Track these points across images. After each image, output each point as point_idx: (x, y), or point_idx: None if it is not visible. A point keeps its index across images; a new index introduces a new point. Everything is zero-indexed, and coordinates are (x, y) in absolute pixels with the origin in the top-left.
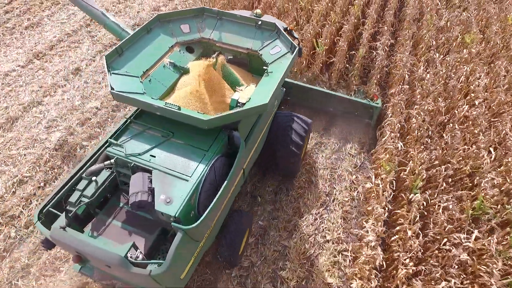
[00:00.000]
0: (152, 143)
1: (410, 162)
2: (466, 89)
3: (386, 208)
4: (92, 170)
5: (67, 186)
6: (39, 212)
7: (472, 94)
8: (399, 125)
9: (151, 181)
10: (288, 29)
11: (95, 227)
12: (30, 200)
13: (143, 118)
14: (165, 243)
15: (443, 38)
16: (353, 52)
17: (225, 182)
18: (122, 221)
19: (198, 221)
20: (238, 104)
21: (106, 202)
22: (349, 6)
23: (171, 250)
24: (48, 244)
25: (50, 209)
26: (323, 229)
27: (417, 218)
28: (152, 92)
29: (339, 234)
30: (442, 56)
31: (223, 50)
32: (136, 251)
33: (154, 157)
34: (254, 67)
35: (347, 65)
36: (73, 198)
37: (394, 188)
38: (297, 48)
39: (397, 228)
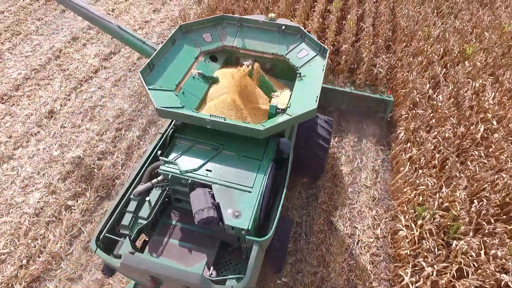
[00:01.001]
0: (205, 158)
1: (437, 196)
2: (477, 107)
3: (435, 267)
4: (140, 190)
5: (118, 209)
6: (96, 239)
7: (489, 114)
8: (423, 157)
9: (212, 196)
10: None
11: (152, 248)
12: (12, 285)
13: (187, 132)
14: (224, 256)
15: (441, 49)
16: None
17: (284, 189)
18: (179, 239)
19: (271, 232)
20: (278, 110)
21: (156, 222)
22: (343, 22)
23: (250, 263)
24: (109, 272)
25: (107, 235)
26: (353, 279)
27: (469, 273)
28: (187, 105)
29: (371, 283)
30: (444, 69)
31: (247, 56)
32: (210, 269)
33: (210, 171)
34: (278, 71)
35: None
36: (125, 220)
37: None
38: (328, 50)
39: (443, 281)
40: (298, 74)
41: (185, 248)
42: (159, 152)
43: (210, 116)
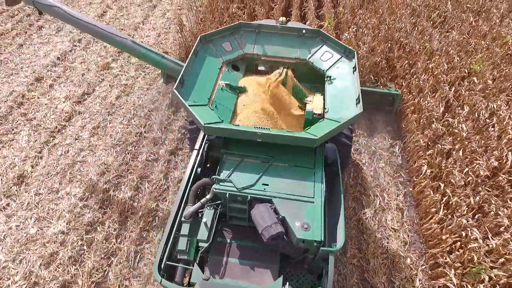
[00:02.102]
0: (258, 172)
1: (483, 243)
2: (499, 131)
3: None
4: (191, 211)
5: (172, 235)
6: (157, 268)
7: None
8: (462, 201)
9: (275, 211)
10: None
11: (213, 269)
12: None
13: (232, 147)
14: (285, 269)
15: (445, 65)
16: None
17: (341, 196)
18: (238, 257)
19: (343, 241)
20: (315, 115)
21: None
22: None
23: (330, 274)
24: None
25: (168, 262)
26: None
27: None
28: (221, 117)
29: None
30: (453, 88)
31: (267, 62)
32: (286, 284)
33: (267, 185)
34: (299, 75)
35: None
36: (181, 245)
37: None
38: (355, 52)
39: None
40: (327, 78)
41: (247, 265)
42: (199, 169)
43: (255, 128)
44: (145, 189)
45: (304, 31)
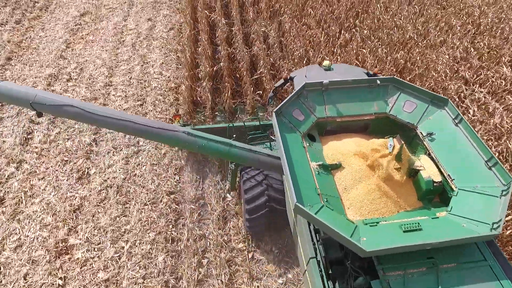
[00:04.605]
0: (431, 284)
1: None
2: None
3: None
4: None
5: None
6: None
7: None
8: None
9: None
10: (371, 74)
11: None
12: None
13: (382, 257)
14: None
15: None
16: None
17: None
18: None
19: None
20: (435, 184)
21: None
22: None
23: None
24: None
25: None
26: None
27: None
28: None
29: None
30: None
31: (343, 123)
32: None
33: None
34: (373, 129)
35: None
36: None
37: None
38: (449, 100)
39: None
40: (426, 135)
41: None
42: (330, 283)
43: (403, 226)
44: None
45: (378, 81)
